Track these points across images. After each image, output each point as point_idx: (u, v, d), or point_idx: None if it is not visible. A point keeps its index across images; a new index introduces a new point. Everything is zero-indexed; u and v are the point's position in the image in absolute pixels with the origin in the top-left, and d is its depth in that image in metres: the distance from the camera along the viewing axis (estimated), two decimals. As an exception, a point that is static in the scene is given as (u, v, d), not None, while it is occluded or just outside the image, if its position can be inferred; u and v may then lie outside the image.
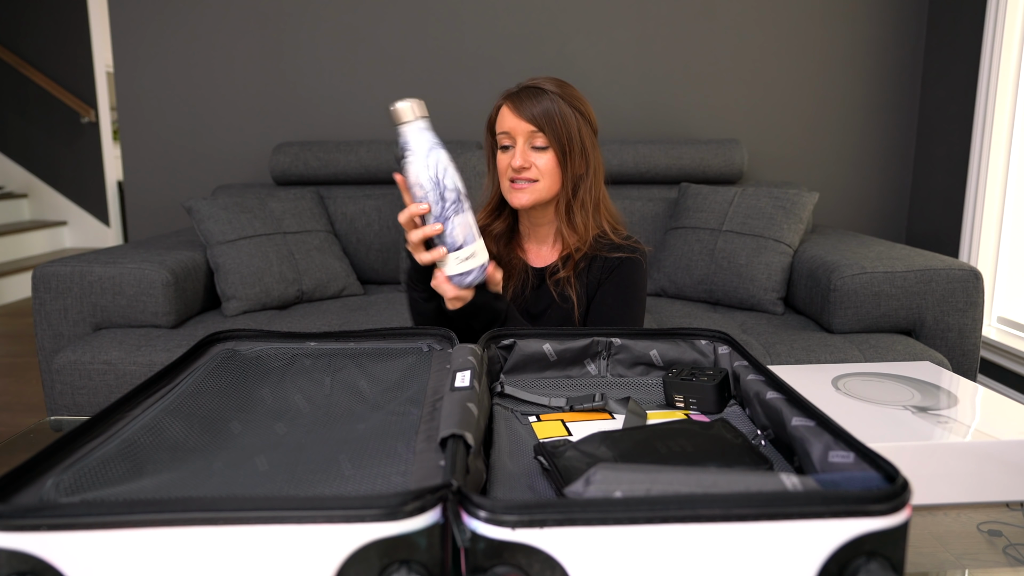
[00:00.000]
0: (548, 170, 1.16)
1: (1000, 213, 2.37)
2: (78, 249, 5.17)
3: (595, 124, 1.21)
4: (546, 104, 1.14)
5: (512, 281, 1.24)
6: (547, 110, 1.14)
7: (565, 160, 1.16)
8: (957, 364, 1.81)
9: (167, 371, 0.76)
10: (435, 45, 2.62)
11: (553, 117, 1.14)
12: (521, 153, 1.15)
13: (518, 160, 1.15)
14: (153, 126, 2.67)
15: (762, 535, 0.45)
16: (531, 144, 1.16)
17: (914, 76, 2.68)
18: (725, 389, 0.81)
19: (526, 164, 1.15)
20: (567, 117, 1.15)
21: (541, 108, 1.14)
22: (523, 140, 1.15)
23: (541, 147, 1.15)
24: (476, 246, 0.95)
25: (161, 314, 1.83)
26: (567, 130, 1.15)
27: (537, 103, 1.14)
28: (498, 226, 1.26)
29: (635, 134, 2.66)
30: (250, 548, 0.45)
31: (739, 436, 0.65)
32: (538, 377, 0.88)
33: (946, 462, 0.74)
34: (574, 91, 1.19)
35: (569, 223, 1.20)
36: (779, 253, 1.98)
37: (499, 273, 1.08)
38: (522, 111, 1.14)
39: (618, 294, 1.21)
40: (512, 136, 1.16)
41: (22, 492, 0.52)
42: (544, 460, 0.60)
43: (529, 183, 1.17)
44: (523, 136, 1.15)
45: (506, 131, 1.16)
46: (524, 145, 1.15)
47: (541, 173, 1.16)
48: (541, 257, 1.27)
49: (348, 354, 0.87)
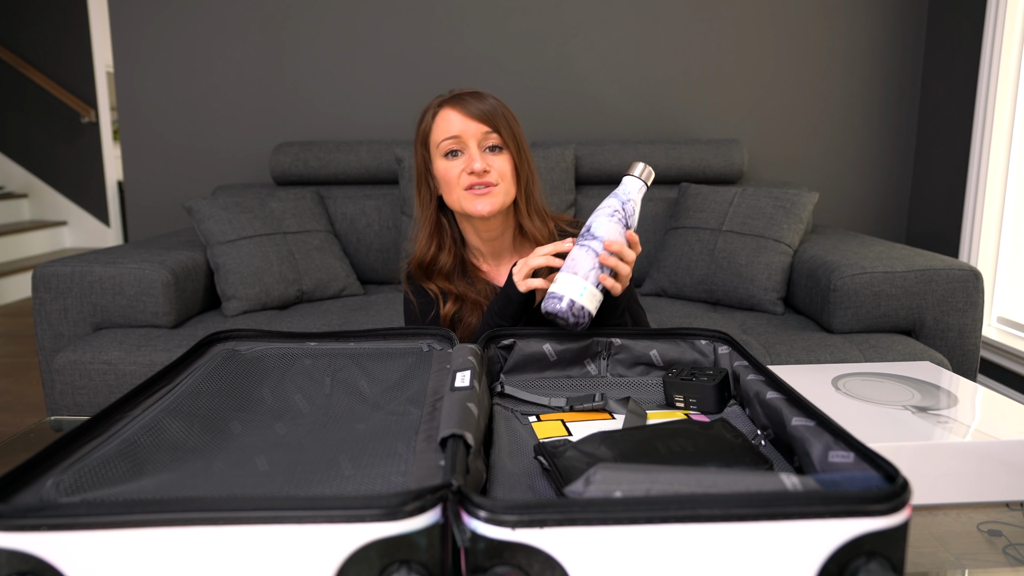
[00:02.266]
0: (506, 172, 1.08)
1: (1000, 213, 2.37)
2: (78, 249, 5.17)
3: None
4: (491, 102, 1.08)
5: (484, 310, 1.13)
6: (494, 108, 1.08)
7: (520, 160, 1.10)
8: (957, 364, 1.81)
9: (167, 371, 0.76)
10: (435, 45, 2.62)
11: (503, 116, 1.08)
12: (480, 155, 1.07)
13: (479, 163, 1.05)
14: (153, 126, 2.67)
15: (762, 535, 0.45)
16: (485, 146, 1.08)
17: (914, 76, 2.68)
18: (725, 389, 0.81)
19: (487, 167, 1.06)
20: (510, 116, 1.10)
21: (488, 107, 1.07)
22: (475, 142, 1.07)
23: (496, 147, 1.08)
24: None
25: (161, 314, 1.83)
26: (513, 130, 1.09)
27: (483, 102, 1.07)
28: (444, 259, 1.15)
29: (635, 134, 2.66)
30: (250, 548, 0.45)
31: (739, 436, 0.65)
32: (538, 377, 0.88)
33: (946, 462, 0.74)
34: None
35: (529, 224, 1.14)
36: (779, 253, 1.98)
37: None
38: (471, 111, 1.06)
39: None
40: (463, 139, 1.07)
41: (22, 492, 0.52)
42: (544, 460, 0.60)
43: (489, 187, 1.07)
44: (476, 138, 1.07)
45: (454, 135, 1.07)
46: (478, 148, 1.07)
47: (500, 176, 1.08)
48: (501, 272, 1.19)
49: (348, 354, 0.87)
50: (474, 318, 1.13)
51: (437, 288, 1.15)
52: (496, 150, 1.09)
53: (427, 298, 1.16)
